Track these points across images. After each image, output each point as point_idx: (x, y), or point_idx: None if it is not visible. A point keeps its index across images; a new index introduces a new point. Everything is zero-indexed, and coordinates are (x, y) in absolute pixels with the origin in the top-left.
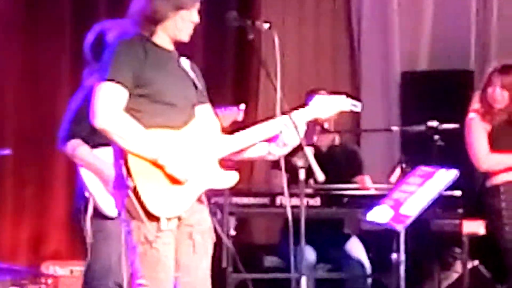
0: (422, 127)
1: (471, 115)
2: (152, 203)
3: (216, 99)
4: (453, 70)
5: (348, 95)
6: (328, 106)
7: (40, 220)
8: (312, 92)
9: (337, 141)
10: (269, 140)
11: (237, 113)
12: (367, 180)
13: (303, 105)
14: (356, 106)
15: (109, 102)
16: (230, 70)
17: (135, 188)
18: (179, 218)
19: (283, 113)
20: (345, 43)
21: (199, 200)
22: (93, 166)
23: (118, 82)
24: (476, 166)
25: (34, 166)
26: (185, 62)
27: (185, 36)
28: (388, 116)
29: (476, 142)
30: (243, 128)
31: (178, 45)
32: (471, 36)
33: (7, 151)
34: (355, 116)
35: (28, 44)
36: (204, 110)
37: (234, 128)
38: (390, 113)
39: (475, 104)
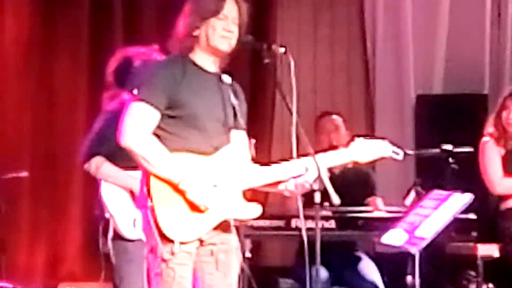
0: (436, 151)
1: (485, 138)
2: (166, 225)
3: None
4: (467, 94)
5: (392, 143)
6: (368, 150)
7: (56, 241)
8: (324, 115)
9: (350, 163)
10: None
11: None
12: (379, 202)
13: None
14: (398, 154)
15: (138, 123)
16: (245, 93)
17: (152, 208)
18: (201, 240)
19: (313, 153)
20: (360, 67)
21: (225, 222)
22: (121, 181)
23: (150, 103)
24: (490, 190)
25: (50, 188)
26: (228, 81)
27: (220, 44)
28: (402, 139)
29: (490, 166)
30: (261, 151)
31: None
32: (485, 60)
33: (24, 173)
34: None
35: (44, 67)
36: (239, 136)
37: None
38: (405, 136)
39: (489, 127)
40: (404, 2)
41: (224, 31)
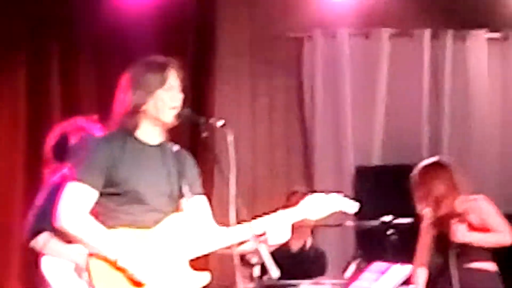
0: (376, 222)
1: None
2: None
3: None
4: (406, 165)
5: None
6: (320, 206)
7: None
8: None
9: (309, 243)
10: None
11: None
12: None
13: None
14: (351, 207)
15: (72, 204)
16: None
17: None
18: None
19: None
20: (299, 138)
21: None
22: (68, 257)
23: (86, 183)
24: None
25: None
26: (174, 149)
27: (169, 116)
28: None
29: None
30: None
31: None
32: (423, 130)
33: None
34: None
35: None
36: (194, 202)
37: None
38: None
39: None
40: (342, 73)
41: (173, 102)
